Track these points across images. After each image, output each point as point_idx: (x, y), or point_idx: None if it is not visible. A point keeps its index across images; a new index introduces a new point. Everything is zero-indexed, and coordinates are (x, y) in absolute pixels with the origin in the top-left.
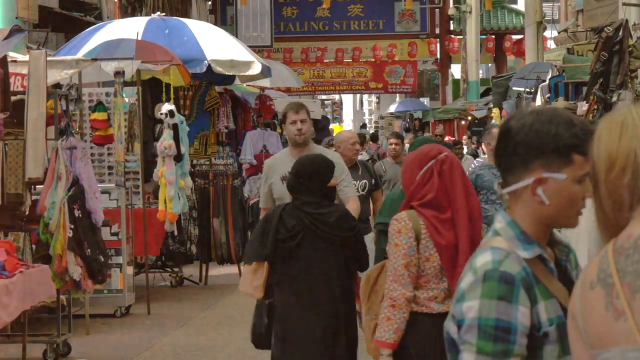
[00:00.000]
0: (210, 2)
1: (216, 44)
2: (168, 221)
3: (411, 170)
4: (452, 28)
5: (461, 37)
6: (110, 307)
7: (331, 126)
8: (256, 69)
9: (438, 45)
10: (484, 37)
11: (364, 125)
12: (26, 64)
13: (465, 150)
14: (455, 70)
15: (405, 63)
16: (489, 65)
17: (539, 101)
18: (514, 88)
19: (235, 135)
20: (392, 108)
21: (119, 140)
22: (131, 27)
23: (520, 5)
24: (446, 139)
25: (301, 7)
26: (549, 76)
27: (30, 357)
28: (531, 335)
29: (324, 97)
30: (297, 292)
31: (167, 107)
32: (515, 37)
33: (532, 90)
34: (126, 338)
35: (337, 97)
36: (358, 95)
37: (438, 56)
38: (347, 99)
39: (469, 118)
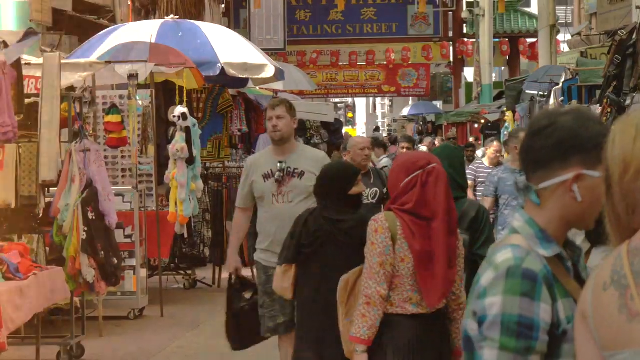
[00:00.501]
0: (223, 5)
1: (229, 47)
2: (178, 224)
3: (397, 174)
4: (465, 31)
5: (474, 40)
6: (123, 309)
7: (344, 129)
8: (269, 71)
9: (451, 48)
10: (497, 40)
11: (377, 129)
12: (40, 66)
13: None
14: (469, 74)
15: (419, 66)
16: (502, 68)
17: (552, 105)
18: (527, 91)
19: (248, 138)
20: (405, 111)
21: (133, 143)
22: (145, 30)
23: (534, 9)
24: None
25: (314, 10)
26: (563, 79)
27: None
28: (551, 333)
29: (337, 100)
30: (315, 295)
31: (180, 109)
32: (528, 40)
33: (546, 94)
34: (139, 340)
35: (350, 100)
36: (371, 99)
37: (451, 59)
38: (360, 102)
39: (482, 121)
